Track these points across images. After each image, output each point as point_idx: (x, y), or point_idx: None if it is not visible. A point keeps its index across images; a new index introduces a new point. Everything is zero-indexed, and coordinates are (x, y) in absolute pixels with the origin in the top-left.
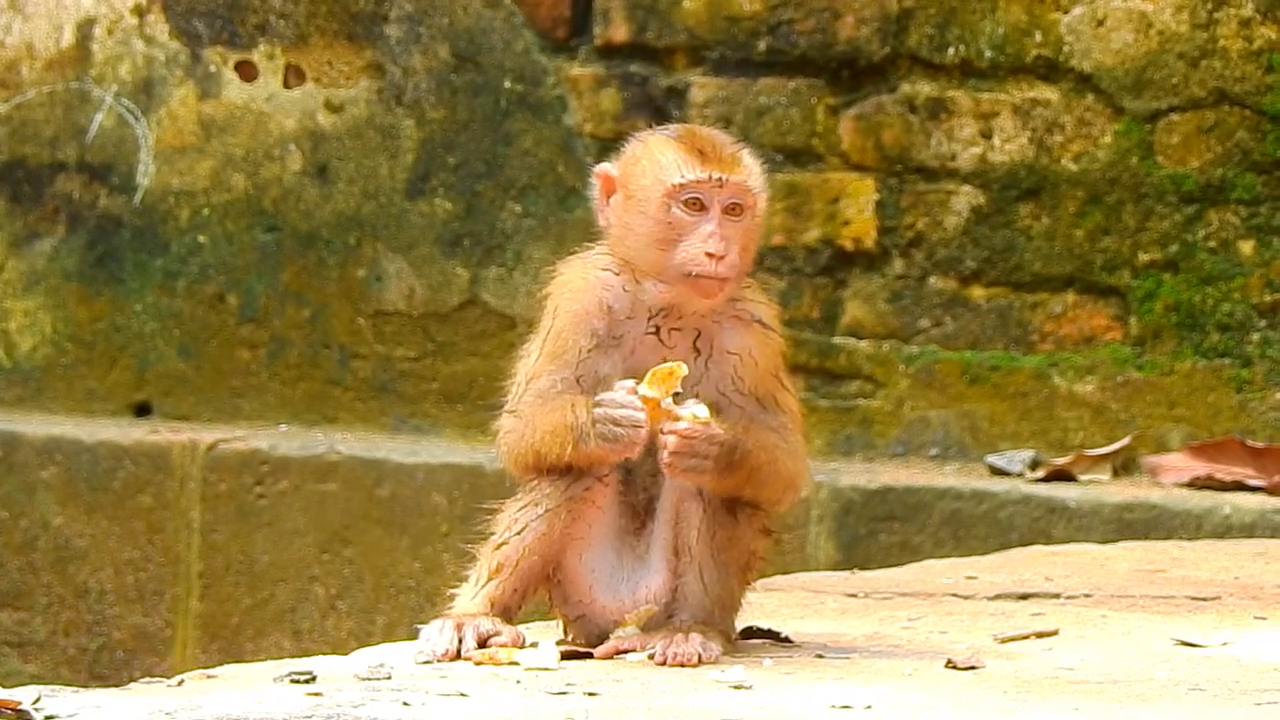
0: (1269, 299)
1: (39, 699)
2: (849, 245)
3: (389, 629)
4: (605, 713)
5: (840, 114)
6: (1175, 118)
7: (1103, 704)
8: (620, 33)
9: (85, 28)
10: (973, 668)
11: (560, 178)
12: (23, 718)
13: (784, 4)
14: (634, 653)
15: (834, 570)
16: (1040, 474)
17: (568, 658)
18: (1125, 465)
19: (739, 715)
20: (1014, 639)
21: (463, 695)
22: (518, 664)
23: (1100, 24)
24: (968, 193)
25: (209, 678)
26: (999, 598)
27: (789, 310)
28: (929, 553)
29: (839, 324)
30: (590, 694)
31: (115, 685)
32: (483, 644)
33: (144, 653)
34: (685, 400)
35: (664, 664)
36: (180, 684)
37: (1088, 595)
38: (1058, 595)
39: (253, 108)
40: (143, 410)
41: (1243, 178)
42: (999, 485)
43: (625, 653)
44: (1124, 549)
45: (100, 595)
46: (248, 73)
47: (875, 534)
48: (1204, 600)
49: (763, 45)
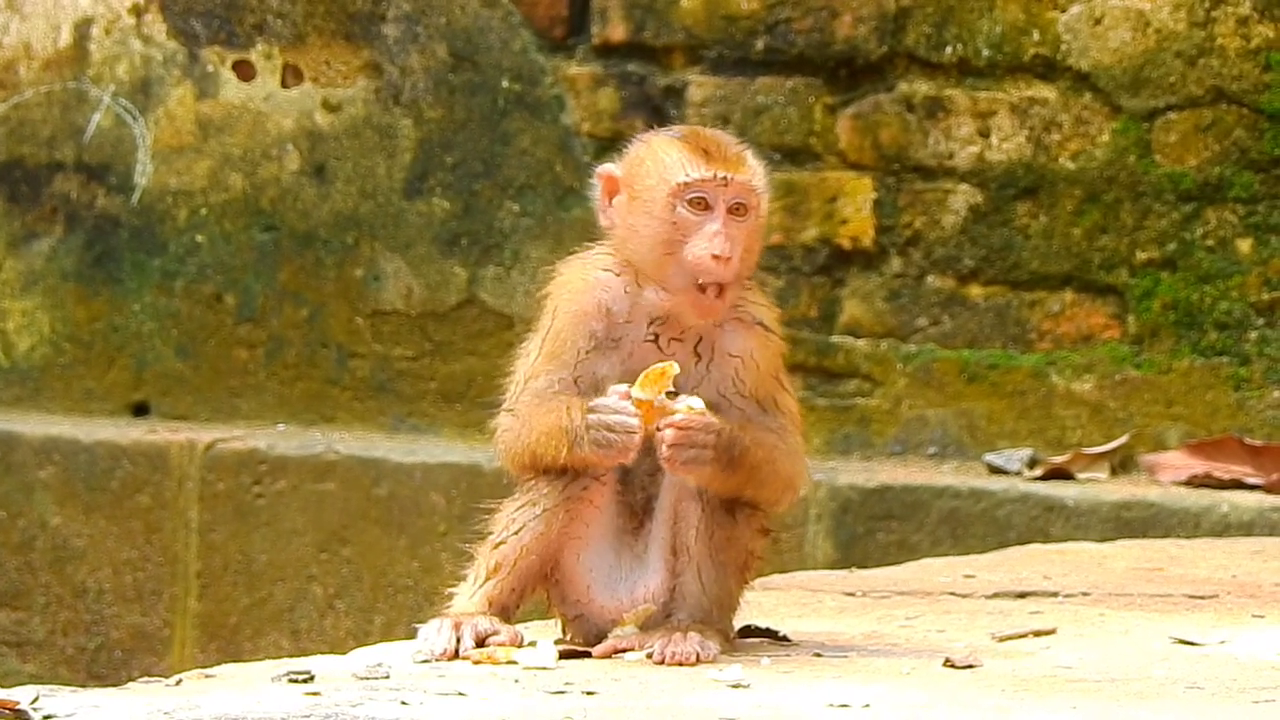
0: (1267, 297)
1: (37, 699)
2: (847, 244)
3: (387, 628)
4: (603, 712)
5: (838, 113)
6: (1173, 116)
7: (1100, 702)
8: (618, 32)
9: (83, 27)
10: (970, 666)
11: (558, 177)
12: (21, 717)
13: (781, 3)
14: (632, 652)
15: (832, 569)
16: (1038, 472)
17: (566, 657)
18: (1123, 463)
19: (737, 714)
20: (1012, 637)
21: (461, 694)
22: (516, 663)
23: (1098, 22)
24: (965, 191)
25: (207, 677)
26: (997, 596)
27: (786, 309)
28: (927, 551)
29: (837, 323)
30: (588, 693)
31: (113, 685)
32: (481, 643)
33: (142, 652)
34: (679, 397)
35: (662, 663)
36: (178, 683)
37: (1085, 594)
38: (1056, 594)
39: (250, 107)
40: (141, 410)
41: (1240, 176)
42: (997, 484)
43: (623, 652)
44: (1122, 547)
45: (98, 595)
46: (245, 72)
47: (873, 533)
48: (1202, 598)
49: (760, 44)
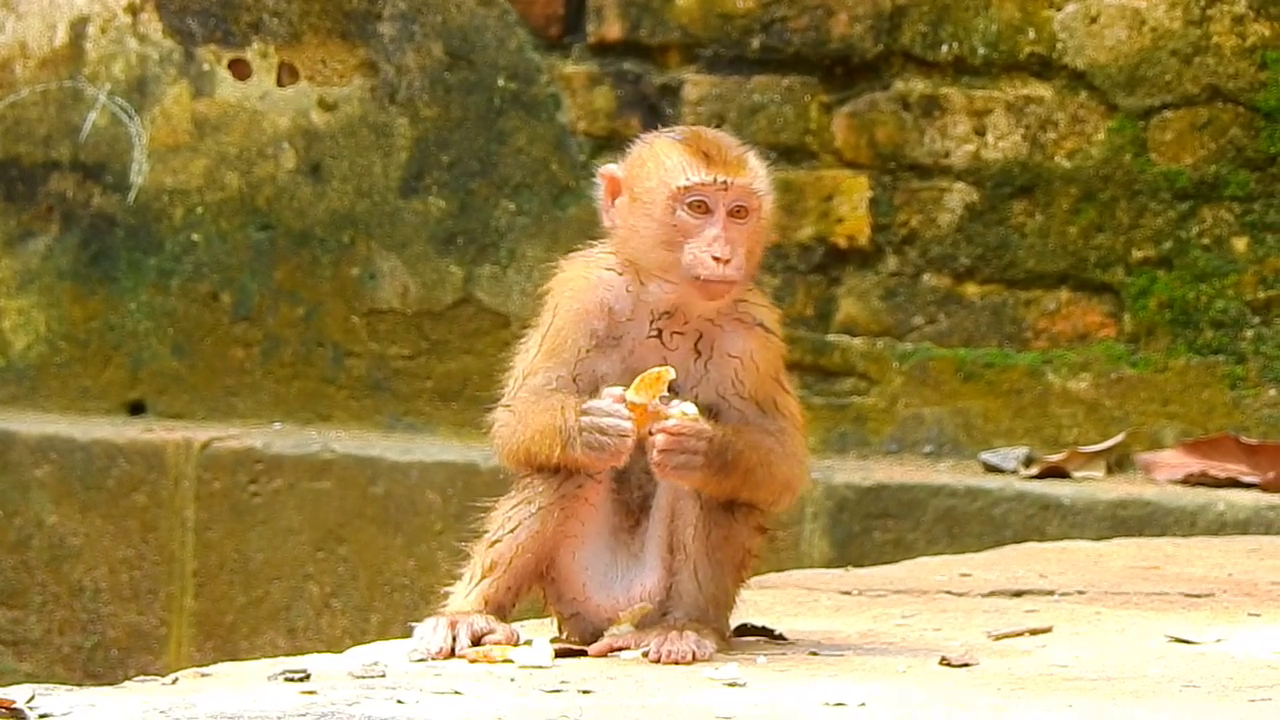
0: (1263, 295)
1: (33, 697)
2: (843, 243)
3: (383, 627)
4: (599, 710)
5: (834, 111)
6: (1169, 114)
7: (1097, 701)
8: (614, 30)
9: (79, 26)
10: (966, 665)
11: (554, 176)
12: (17, 716)
13: (777, 2)
14: (628, 650)
15: (828, 568)
16: (1034, 471)
17: (562, 655)
18: (1119, 462)
19: (733, 713)
20: (1008, 636)
21: (457, 693)
22: (512, 662)
23: (1093, 21)
24: (961, 190)
25: (203, 676)
26: (993, 595)
27: (783, 307)
28: (923, 550)
29: (833, 321)
30: (584, 692)
31: (110, 684)
32: (477, 642)
33: (138, 651)
34: (672, 401)
35: (658, 661)
36: (175, 682)
37: (1081, 592)
38: (1052, 592)
39: (246, 106)
40: (137, 409)
41: (1236, 174)
42: (993, 482)
43: (619, 650)
44: (1118, 546)
45: (95, 594)
46: (241, 71)
47: (869, 531)
48: (1198, 597)
49: (756, 43)
